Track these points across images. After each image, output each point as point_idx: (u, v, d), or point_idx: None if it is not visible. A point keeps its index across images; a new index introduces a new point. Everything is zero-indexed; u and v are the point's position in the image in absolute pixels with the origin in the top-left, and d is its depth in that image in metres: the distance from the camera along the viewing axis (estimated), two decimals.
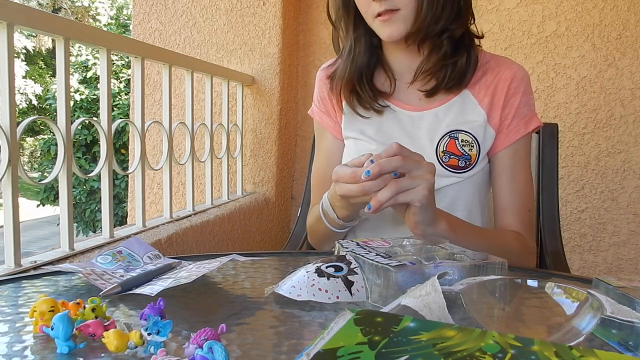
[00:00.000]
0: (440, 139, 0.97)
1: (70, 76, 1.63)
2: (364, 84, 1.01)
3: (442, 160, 0.96)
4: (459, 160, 0.96)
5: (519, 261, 0.93)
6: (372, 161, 0.72)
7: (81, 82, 10.21)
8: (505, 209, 0.99)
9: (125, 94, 9.72)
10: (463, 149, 0.96)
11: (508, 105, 0.98)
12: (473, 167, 0.97)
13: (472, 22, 0.98)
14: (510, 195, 0.99)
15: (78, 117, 8.37)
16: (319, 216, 0.94)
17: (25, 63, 16.01)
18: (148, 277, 0.67)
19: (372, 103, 1.01)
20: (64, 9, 16.78)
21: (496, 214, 1.02)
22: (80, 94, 9.91)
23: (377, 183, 0.72)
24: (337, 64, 1.05)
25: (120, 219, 8.28)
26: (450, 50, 0.95)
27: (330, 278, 0.63)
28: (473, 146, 0.97)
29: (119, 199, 8.60)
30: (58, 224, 1.18)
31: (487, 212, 1.06)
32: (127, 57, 1.74)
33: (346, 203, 0.84)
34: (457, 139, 0.97)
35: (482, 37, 1.00)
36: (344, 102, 1.05)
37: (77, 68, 10.27)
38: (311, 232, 1.06)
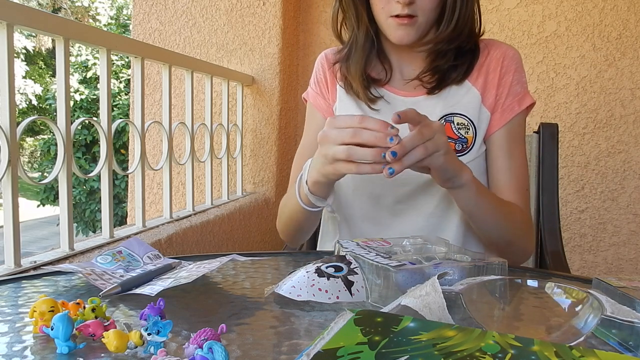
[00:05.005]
0: None
1: (70, 76, 1.63)
2: (361, 73, 1.00)
3: None
4: (456, 143, 0.96)
5: (522, 234, 0.95)
6: (391, 129, 0.71)
7: (81, 82, 10.22)
8: (503, 187, 0.98)
9: (125, 94, 9.73)
10: (459, 132, 0.96)
11: (502, 83, 0.98)
12: (470, 149, 0.96)
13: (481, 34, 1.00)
14: (509, 173, 0.98)
15: (78, 117, 8.37)
16: (293, 192, 0.91)
17: (25, 63, 16.00)
18: (148, 277, 0.67)
19: (366, 92, 1.00)
20: (64, 9, 16.77)
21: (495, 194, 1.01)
22: (80, 94, 9.92)
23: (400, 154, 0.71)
24: (344, 52, 1.04)
25: (120, 219, 8.28)
26: (455, 56, 0.97)
27: (330, 278, 0.63)
28: (469, 129, 0.96)
29: (119, 199, 8.61)
30: (58, 224, 1.18)
31: None
32: (127, 57, 1.74)
33: (331, 170, 0.78)
34: (453, 122, 0.96)
35: (482, 34, 1.01)
36: (338, 87, 1.05)
37: (77, 68, 10.27)
38: (280, 215, 1.04)
